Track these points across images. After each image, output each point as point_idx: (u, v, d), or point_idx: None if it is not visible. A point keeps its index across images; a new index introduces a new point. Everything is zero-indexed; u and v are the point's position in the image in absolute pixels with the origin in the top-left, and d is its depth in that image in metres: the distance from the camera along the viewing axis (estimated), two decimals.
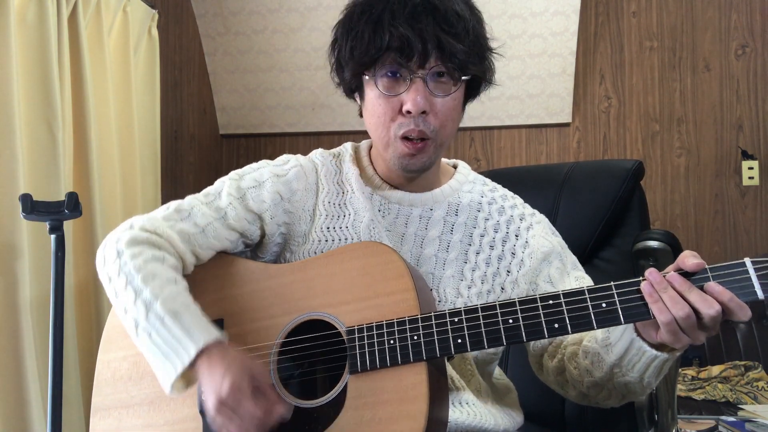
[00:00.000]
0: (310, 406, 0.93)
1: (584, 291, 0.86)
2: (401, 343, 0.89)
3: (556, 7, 2.89)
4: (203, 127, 3.26)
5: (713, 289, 0.81)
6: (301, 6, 3.03)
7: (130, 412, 1.08)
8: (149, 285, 0.96)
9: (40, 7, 1.99)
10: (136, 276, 0.97)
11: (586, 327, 0.85)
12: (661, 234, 1.28)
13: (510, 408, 1.13)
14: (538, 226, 1.13)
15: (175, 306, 0.95)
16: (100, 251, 1.07)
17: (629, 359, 0.91)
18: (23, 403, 1.85)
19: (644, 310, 0.83)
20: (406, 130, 1.00)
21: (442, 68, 0.98)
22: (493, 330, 0.87)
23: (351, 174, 1.12)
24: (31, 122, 1.98)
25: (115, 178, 2.36)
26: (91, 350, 2.19)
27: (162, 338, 0.93)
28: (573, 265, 1.12)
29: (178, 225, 1.05)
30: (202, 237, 1.05)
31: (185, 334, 0.92)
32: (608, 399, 1.01)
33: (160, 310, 0.94)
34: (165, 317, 0.93)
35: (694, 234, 2.93)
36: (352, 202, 1.10)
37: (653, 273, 0.84)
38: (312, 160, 1.15)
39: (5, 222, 1.85)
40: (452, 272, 1.07)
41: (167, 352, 0.92)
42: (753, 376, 2.51)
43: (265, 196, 1.08)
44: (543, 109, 3.06)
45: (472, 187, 1.14)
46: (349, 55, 1.01)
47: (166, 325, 0.93)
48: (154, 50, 2.66)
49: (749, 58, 2.93)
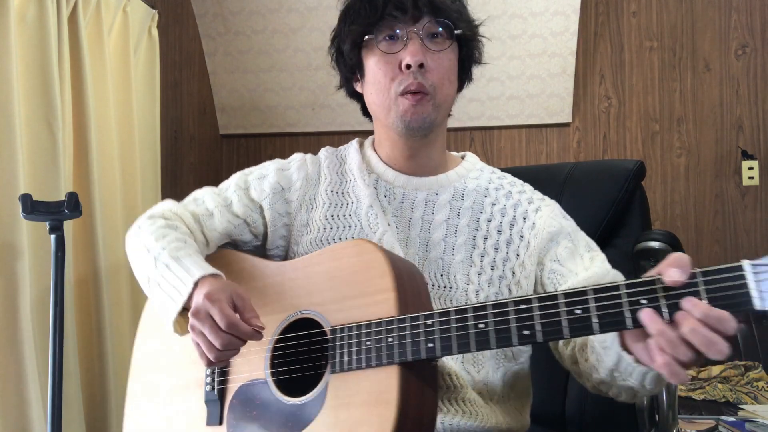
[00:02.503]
0: (294, 403, 0.95)
1: (557, 295, 0.78)
2: (376, 345, 0.88)
3: (556, 7, 2.89)
4: (203, 127, 3.26)
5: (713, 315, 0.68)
6: (301, 6, 3.03)
7: (155, 399, 1.14)
8: (159, 242, 1.05)
9: (40, 7, 1.99)
10: (150, 237, 1.07)
11: (558, 335, 0.78)
12: (662, 234, 1.28)
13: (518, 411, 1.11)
14: (547, 208, 1.12)
15: (179, 254, 1.02)
16: (129, 233, 1.17)
17: (624, 368, 0.85)
18: (23, 403, 1.85)
19: (620, 319, 0.74)
20: (405, 84, 1.04)
21: (434, 25, 1.05)
22: (463, 335, 0.83)
23: (353, 163, 1.16)
24: (31, 122, 1.98)
25: (115, 178, 2.36)
26: (91, 350, 2.19)
27: (168, 281, 1.00)
28: (587, 246, 1.09)
29: (191, 207, 1.17)
30: (209, 219, 1.15)
31: (185, 272, 0.99)
32: (619, 396, 0.96)
33: (166, 259, 1.02)
34: (170, 263, 1.01)
35: (694, 234, 2.93)
36: (354, 190, 1.13)
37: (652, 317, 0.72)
38: (318, 155, 1.22)
39: (5, 222, 1.85)
40: (461, 257, 1.07)
41: (171, 292, 0.99)
42: (753, 376, 2.51)
43: (266, 186, 1.16)
44: (543, 109, 3.06)
45: (480, 174, 1.16)
46: (348, 30, 1.09)
47: (171, 269, 1.01)
48: (154, 50, 2.66)
49: (749, 58, 2.93)
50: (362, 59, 1.10)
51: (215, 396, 1.05)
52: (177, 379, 1.12)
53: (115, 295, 2.31)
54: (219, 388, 1.05)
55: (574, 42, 2.93)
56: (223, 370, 1.06)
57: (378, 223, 1.08)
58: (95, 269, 2.21)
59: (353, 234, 1.09)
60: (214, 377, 1.06)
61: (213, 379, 1.07)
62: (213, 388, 1.06)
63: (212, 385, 1.06)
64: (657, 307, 0.72)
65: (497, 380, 1.07)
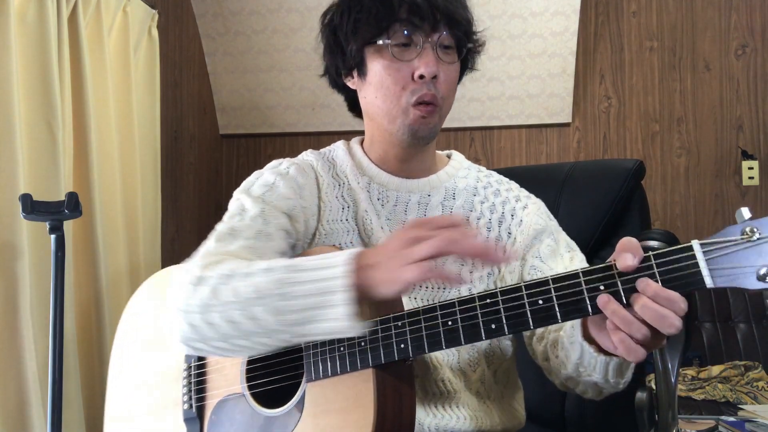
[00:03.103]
0: (273, 415, 0.94)
1: (521, 287, 0.78)
2: (350, 350, 0.87)
3: (556, 7, 2.89)
4: (203, 127, 3.26)
5: (664, 295, 0.70)
6: (301, 6, 3.03)
7: (134, 422, 1.13)
8: (252, 267, 0.86)
9: (40, 7, 1.99)
10: (233, 274, 0.86)
11: (523, 326, 0.78)
12: (661, 234, 1.27)
13: (513, 407, 1.11)
14: (534, 206, 1.13)
15: (290, 262, 0.85)
16: (174, 324, 0.90)
17: (587, 362, 0.86)
18: (23, 403, 1.85)
19: (581, 306, 0.75)
20: (420, 95, 1.01)
21: (448, 37, 1.02)
22: (433, 333, 0.82)
23: (345, 166, 1.13)
24: (31, 122, 1.98)
25: (115, 178, 2.36)
26: (91, 350, 2.19)
27: (300, 290, 0.81)
28: (567, 246, 1.11)
29: (235, 244, 0.96)
30: (260, 242, 0.98)
31: (322, 265, 0.82)
32: (585, 393, 0.97)
33: (281, 267, 0.84)
34: (291, 268, 0.83)
35: (694, 234, 2.93)
36: (350, 194, 1.10)
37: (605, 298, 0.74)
38: (304, 159, 1.14)
39: (5, 222, 1.85)
40: (453, 257, 1.04)
41: (315, 298, 0.81)
42: (753, 376, 2.51)
43: (283, 193, 1.05)
44: (543, 109, 3.06)
45: (468, 173, 1.16)
46: (353, 29, 1.03)
47: (298, 274, 0.82)
48: (154, 50, 2.66)
49: (749, 58, 2.93)
50: (365, 59, 1.04)
51: (194, 414, 1.04)
52: (154, 399, 1.11)
53: (115, 296, 2.31)
54: (197, 406, 1.04)
55: (574, 42, 2.93)
56: (199, 387, 1.05)
57: (372, 228, 1.07)
58: (95, 269, 2.21)
59: (351, 239, 1.07)
60: (191, 395, 1.05)
61: (190, 397, 1.05)
62: (191, 406, 1.04)
63: (190, 403, 1.05)
64: (616, 292, 0.74)
65: (492, 378, 1.08)
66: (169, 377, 1.10)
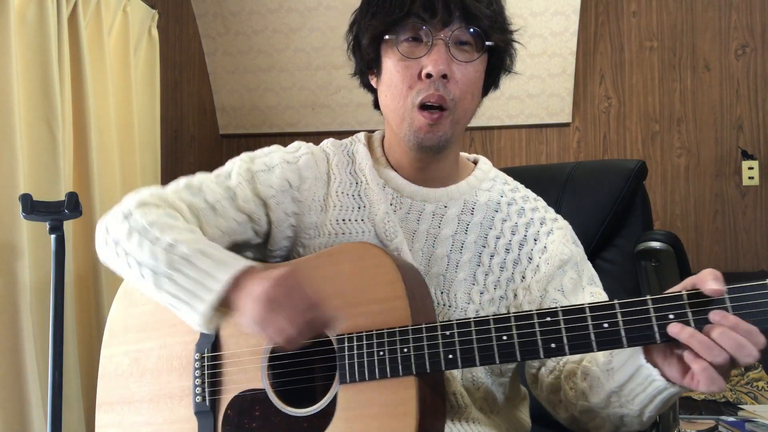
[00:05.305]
0: (299, 415, 0.91)
1: (585, 308, 0.78)
2: (390, 356, 0.85)
3: (556, 7, 2.89)
4: (203, 127, 3.26)
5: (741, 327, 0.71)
6: (301, 6, 3.02)
7: (132, 408, 1.09)
8: (166, 233, 0.91)
9: (40, 7, 1.99)
10: (150, 229, 0.92)
11: (585, 349, 0.78)
12: (663, 235, 1.27)
13: (518, 417, 1.10)
14: (560, 231, 1.06)
15: (200, 246, 0.90)
16: (99, 228, 1.02)
17: (631, 388, 0.82)
18: (23, 403, 1.85)
19: (649, 333, 0.75)
20: (424, 95, 0.95)
21: (465, 32, 0.95)
22: (485, 347, 0.81)
23: (365, 164, 1.07)
24: (31, 122, 1.98)
25: (115, 178, 2.36)
26: (91, 349, 2.19)
27: (187, 277, 0.87)
28: (590, 279, 1.05)
29: (188, 198, 1.02)
30: (210, 213, 1.02)
31: (216, 266, 0.87)
32: (600, 428, 0.92)
33: (185, 251, 0.89)
34: (191, 256, 0.88)
35: (694, 234, 2.93)
36: (367, 194, 1.05)
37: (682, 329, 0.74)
38: (323, 149, 1.11)
39: (5, 222, 1.84)
40: (465, 275, 1.01)
41: (194, 289, 0.86)
42: (753, 376, 2.51)
43: (274, 182, 1.04)
44: (543, 109, 3.06)
45: (492, 186, 1.08)
46: (369, 22, 0.99)
47: (193, 264, 0.87)
48: (154, 50, 2.66)
49: (749, 58, 2.93)
50: (380, 55, 1.00)
51: (207, 407, 0.99)
52: (158, 388, 1.06)
53: (115, 295, 2.31)
54: (211, 399, 1.00)
55: (574, 42, 2.93)
56: (213, 380, 1.01)
57: (396, 232, 1.01)
58: (95, 269, 2.21)
59: (367, 240, 1.02)
60: (205, 387, 1.00)
61: (203, 389, 1.00)
62: (204, 399, 1.00)
63: (203, 395, 1.00)
64: (685, 321, 0.74)
65: (495, 395, 1.05)
66: (175, 365, 1.05)
